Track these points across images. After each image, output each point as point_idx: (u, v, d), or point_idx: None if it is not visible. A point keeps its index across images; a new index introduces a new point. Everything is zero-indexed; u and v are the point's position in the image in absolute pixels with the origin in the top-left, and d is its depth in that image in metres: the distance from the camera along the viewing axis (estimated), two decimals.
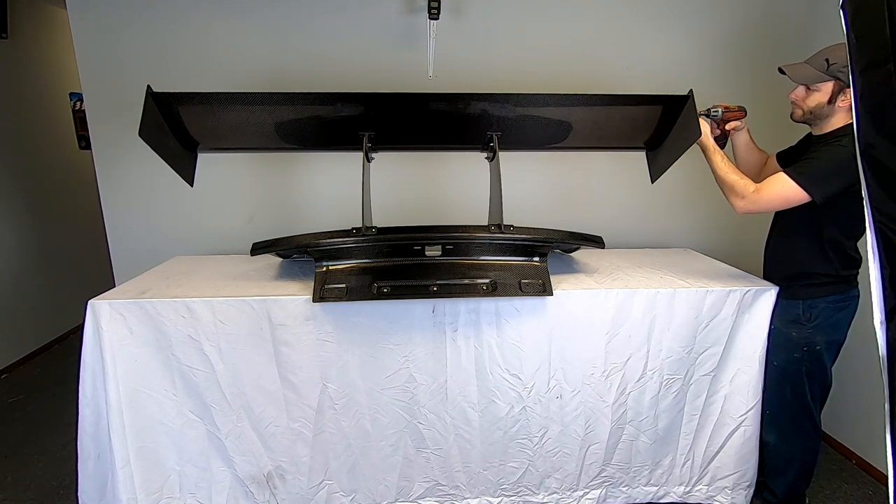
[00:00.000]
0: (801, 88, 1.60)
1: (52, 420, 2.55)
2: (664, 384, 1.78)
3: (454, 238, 1.71)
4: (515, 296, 1.66)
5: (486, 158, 1.84)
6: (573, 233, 1.78)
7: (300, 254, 1.85)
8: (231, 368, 1.64)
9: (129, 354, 1.59)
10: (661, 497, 1.90)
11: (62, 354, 3.30)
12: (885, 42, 0.80)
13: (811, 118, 1.62)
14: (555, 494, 1.85)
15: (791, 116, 1.68)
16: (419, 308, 1.66)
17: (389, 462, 1.77)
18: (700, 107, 1.71)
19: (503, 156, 1.75)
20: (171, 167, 1.72)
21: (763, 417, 1.80)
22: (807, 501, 1.90)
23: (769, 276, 1.81)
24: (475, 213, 2.09)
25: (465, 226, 1.79)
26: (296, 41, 2.21)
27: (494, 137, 1.75)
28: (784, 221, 1.75)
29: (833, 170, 1.49)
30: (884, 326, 0.83)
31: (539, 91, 1.77)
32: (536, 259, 1.75)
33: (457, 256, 1.73)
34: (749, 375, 1.76)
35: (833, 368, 1.72)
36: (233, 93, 1.66)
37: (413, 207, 2.38)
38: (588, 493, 1.86)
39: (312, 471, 1.74)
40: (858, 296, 1.67)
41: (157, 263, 2.06)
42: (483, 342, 1.70)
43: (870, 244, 0.84)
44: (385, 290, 1.63)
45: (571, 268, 1.96)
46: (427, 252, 1.72)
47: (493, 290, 1.66)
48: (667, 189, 2.24)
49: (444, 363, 1.70)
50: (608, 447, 1.81)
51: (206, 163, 1.88)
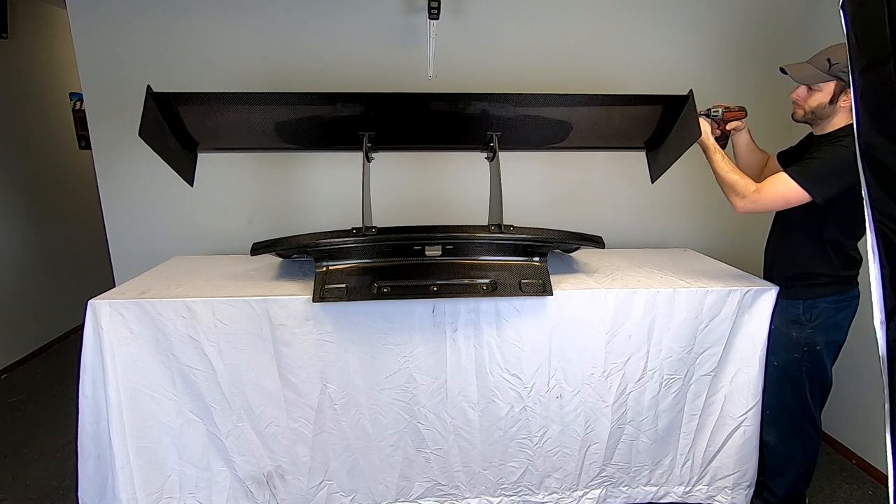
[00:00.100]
0: (803, 88, 1.60)
1: (52, 420, 2.55)
2: (664, 384, 1.78)
3: (454, 238, 1.71)
4: (515, 296, 1.66)
5: (486, 158, 1.84)
6: (573, 233, 1.78)
7: (300, 254, 1.85)
8: (231, 368, 1.64)
9: (129, 354, 1.59)
10: (661, 497, 1.90)
11: (62, 354, 3.30)
12: (885, 42, 0.80)
13: (813, 118, 1.62)
14: (555, 494, 1.85)
15: (792, 116, 1.67)
16: (419, 308, 1.66)
17: (389, 462, 1.77)
18: (700, 107, 1.71)
19: (503, 156, 1.75)
20: (171, 167, 1.72)
21: (763, 417, 1.80)
22: (807, 501, 1.90)
23: (770, 276, 1.81)
24: (475, 213, 2.09)
25: (465, 226, 1.80)
26: (296, 41, 2.21)
27: (494, 137, 1.75)
28: (785, 221, 1.75)
29: (834, 170, 1.48)
30: (884, 326, 0.83)
31: (539, 91, 1.77)
32: (536, 259, 1.75)
33: (457, 256, 1.73)
34: (749, 375, 1.76)
35: (833, 368, 1.72)
36: (233, 93, 1.66)
37: (413, 207, 2.38)
38: (588, 493, 1.86)
39: (312, 471, 1.74)
40: (859, 296, 1.67)
41: (157, 263, 2.06)
42: (483, 342, 1.70)
43: (870, 244, 0.84)
44: (385, 290, 1.63)
45: (571, 268, 1.96)
46: (427, 252, 1.72)
47: (493, 290, 1.66)
48: (667, 189, 2.23)
49: (444, 363, 1.71)
50: (608, 447, 1.81)
51: (206, 163, 1.88)
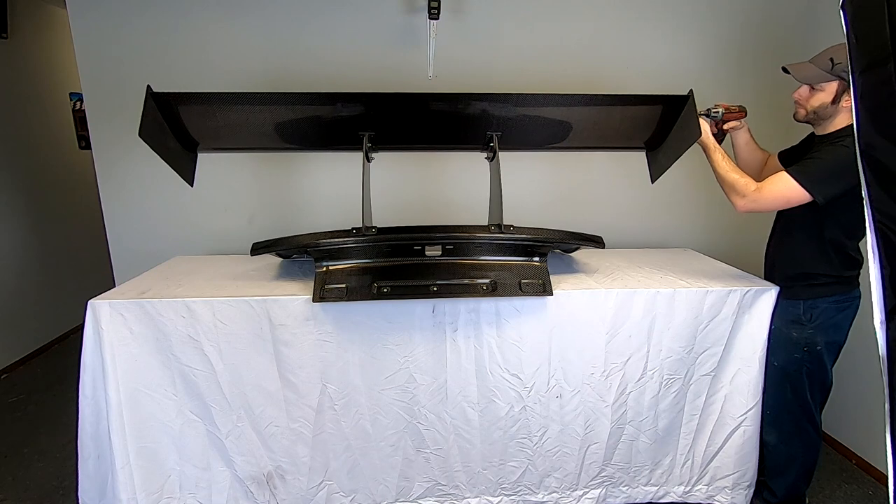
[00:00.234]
0: (805, 88, 1.59)
1: (52, 420, 2.55)
2: (664, 384, 1.78)
3: (454, 238, 1.71)
4: (515, 296, 1.66)
5: (486, 158, 1.84)
6: (573, 233, 1.78)
7: (300, 254, 1.85)
8: (231, 368, 1.64)
9: (129, 354, 1.59)
10: (661, 497, 1.90)
11: (62, 354, 3.30)
12: (885, 42, 0.80)
13: (815, 118, 1.61)
14: (554, 493, 1.85)
15: (794, 116, 1.66)
16: (419, 308, 1.66)
17: (389, 462, 1.77)
18: (700, 107, 1.71)
19: (503, 156, 1.75)
20: (171, 167, 1.72)
21: (763, 417, 1.80)
22: (807, 501, 1.90)
23: (770, 276, 1.80)
24: (475, 213, 2.09)
25: (465, 226, 1.80)
26: (296, 41, 2.21)
27: (494, 137, 1.75)
28: (786, 221, 1.75)
29: (835, 170, 1.47)
30: (884, 326, 0.83)
31: (539, 91, 1.77)
32: (536, 259, 1.75)
33: (457, 256, 1.73)
34: (749, 375, 1.76)
35: (833, 368, 1.72)
36: (233, 93, 1.66)
37: (413, 207, 2.38)
38: (588, 493, 1.86)
39: (312, 471, 1.74)
40: (860, 296, 1.67)
41: (157, 263, 2.06)
42: (483, 342, 1.70)
43: (870, 244, 0.84)
44: (385, 290, 1.63)
45: (571, 268, 1.96)
46: (427, 252, 1.72)
47: (493, 290, 1.66)
48: (667, 189, 2.24)
49: (444, 363, 1.71)
50: (608, 447, 1.81)
51: (206, 163, 1.88)
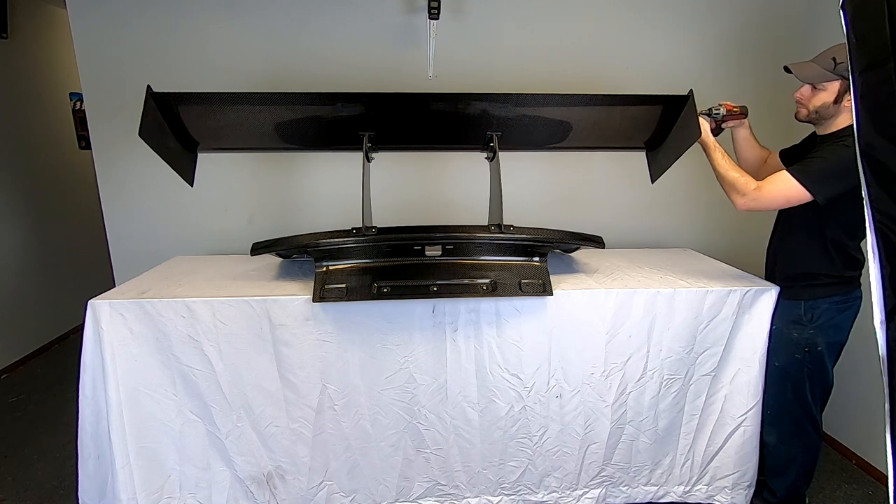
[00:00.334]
0: (807, 87, 1.58)
1: (52, 420, 2.55)
2: (664, 384, 1.78)
3: (454, 238, 1.71)
4: (515, 296, 1.66)
5: (486, 158, 1.84)
6: (573, 233, 1.78)
7: (300, 254, 1.85)
8: (231, 368, 1.64)
9: (129, 354, 1.59)
10: (661, 497, 1.90)
11: (62, 354, 3.30)
12: (885, 42, 0.80)
13: (816, 118, 1.60)
14: (554, 493, 1.85)
15: (795, 116, 1.65)
16: (419, 308, 1.66)
17: (389, 462, 1.77)
18: (701, 107, 1.71)
19: (503, 156, 1.75)
20: (171, 167, 1.72)
21: (764, 418, 1.79)
22: (807, 501, 1.90)
23: (771, 276, 1.80)
24: (475, 213, 2.09)
25: (465, 226, 1.79)
26: (296, 41, 2.21)
27: (494, 137, 1.75)
28: (787, 221, 1.74)
29: (836, 170, 1.47)
30: (884, 326, 0.83)
31: (539, 91, 1.77)
32: (536, 259, 1.75)
33: (457, 256, 1.73)
34: (749, 375, 1.76)
35: (834, 369, 1.71)
36: (233, 93, 1.66)
37: (413, 207, 2.38)
38: (588, 493, 1.86)
39: (312, 471, 1.74)
40: (861, 297, 1.66)
41: (157, 263, 2.06)
42: (483, 342, 1.70)
43: (870, 244, 0.84)
44: (385, 290, 1.63)
45: (571, 268, 1.96)
46: (427, 252, 1.72)
47: (493, 290, 1.66)
48: (667, 189, 2.24)
49: (444, 363, 1.71)
50: (608, 447, 1.81)
51: (206, 163, 1.88)
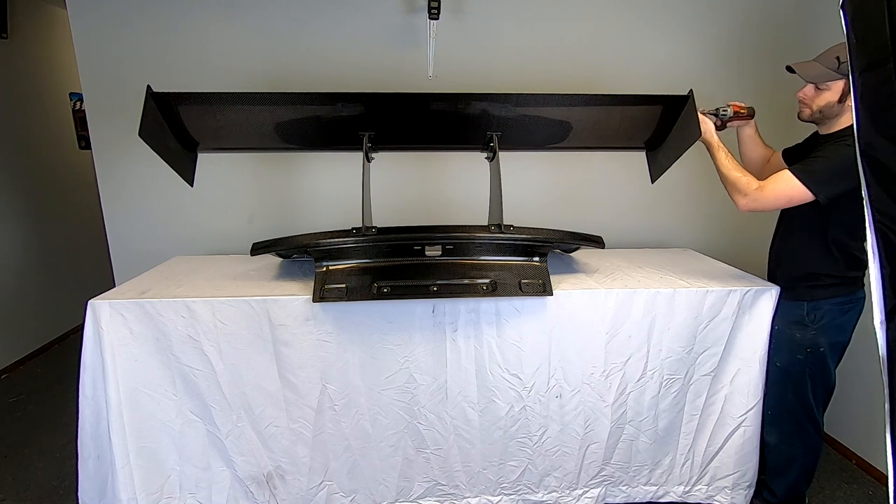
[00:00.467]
0: (810, 87, 1.56)
1: (52, 420, 2.55)
2: (664, 384, 1.78)
3: (454, 238, 1.71)
4: (515, 296, 1.66)
5: (486, 158, 1.84)
6: (573, 233, 1.78)
7: (300, 254, 1.85)
8: (231, 368, 1.64)
9: (129, 354, 1.59)
10: (661, 496, 1.90)
11: (62, 354, 3.30)
12: (885, 42, 0.80)
13: (820, 117, 1.58)
14: (554, 493, 1.85)
15: (798, 116, 1.63)
16: (419, 308, 1.66)
17: (389, 462, 1.77)
18: (703, 106, 1.70)
19: (503, 156, 1.75)
20: (171, 167, 1.72)
21: (765, 418, 1.79)
22: (806, 502, 1.90)
23: (774, 277, 1.79)
24: (475, 213, 2.09)
25: (465, 226, 1.79)
26: (296, 41, 2.21)
27: (494, 137, 1.75)
28: (789, 222, 1.73)
29: (838, 170, 1.45)
30: (884, 326, 0.83)
31: (539, 91, 1.77)
32: (536, 259, 1.75)
33: (457, 256, 1.72)
34: (749, 375, 1.76)
35: (836, 370, 1.70)
36: (233, 93, 1.66)
37: (413, 207, 2.38)
38: (587, 492, 1.86)
39: (312, 471, 1.74)
40: (864, 297, 1.64)
41: (157, 263, 2.06)
42: (483, 342, 1.70)
43: (870, 244, 0.84)
44: (385, 290, 1.63)
45: (571, 268, 1.96)
46: (427, 252, 1.72)
47: (493, 290, 1.66)
48: (667, 189, 2.24)
49: (444, 363, 1.71)
50: (608, 446, 1.82)
51: (206, 163, 1.88)
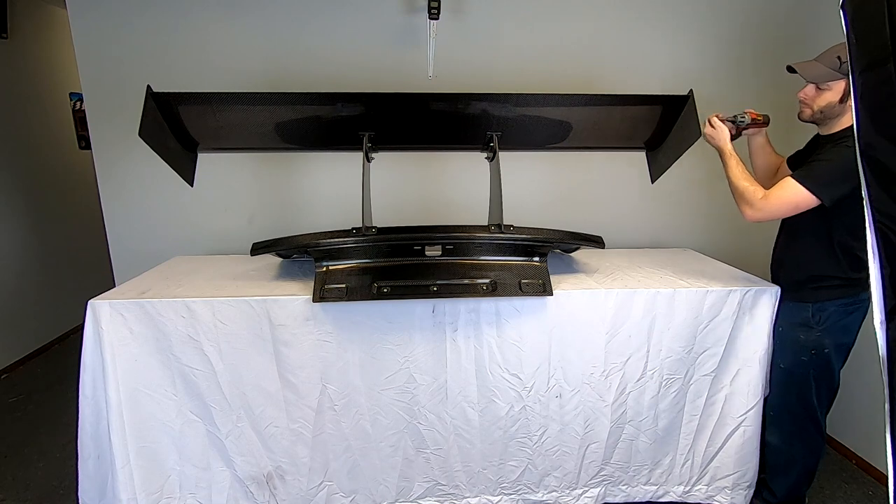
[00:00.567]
0: (811, 87, 1.55)
1: (52, 420, 2.55)
2: (664, 384, 1.78)
3: (454, 238, 1.71)
4: (515, 296, 1.66)
5: (486, 158, 1.84)
6: (573, 233, 1.78)
7: (300, 254, 1.85)
8: (231, 368, 1.64)
9: (129, 354, 1.59)
10: (661, 496, 1.90)
11: (62, 354, 3.30)
12: (885, 42, 0.80)
13: (821, 118, 1.57)
14: (554, 492, 1.85)
15: (799, 116, 1.62)
16: (419, 308, 1.66)
17: (389, 462, 1.77)
18: (703, 111, 1.69)
19: (503, 156, 1.75)
20: (171, 167, 1.72)
21: (766, 418, 1.79)
22: (806, 502, 1.89)
23: (777, 279, 1.78)
24: (475, 213, 2.09)
25: (465, 226, 1.80)
26: (296, 41, 2.21)
27: (494, 137, 1.75)
28: (792, 223, 1.72)
29: (841, 171, 1.44)
30: (884, 326, 0.83)
31: (539, 91, 1.77)
32: (536, 259, 1.75)
33: (457, 256, 1.73)
34: (750, 376, 1.76)
35: (841, 371, 1.69)
36: (233, 93, 1.66)
37: (413, 207, 2.38)
38: (587, 492, 1.86)
39: (312, 471, 1.74)
40: (869, 298, 1.63)
41: (157, 263, 2.06)
42: (483, 342, 1.70)
43: (870, 244, 0.84)
44: (385, 290, 1.63)
45: (571, 268, 1.96)
46: (427, 252, 1.72)
47: (493, 290, 1.66)
48: (667, 189, 2.24)
49: (444, 363, 1.71)
50: (608, 446, 1.82)
51: (206, 163, 1.89)
